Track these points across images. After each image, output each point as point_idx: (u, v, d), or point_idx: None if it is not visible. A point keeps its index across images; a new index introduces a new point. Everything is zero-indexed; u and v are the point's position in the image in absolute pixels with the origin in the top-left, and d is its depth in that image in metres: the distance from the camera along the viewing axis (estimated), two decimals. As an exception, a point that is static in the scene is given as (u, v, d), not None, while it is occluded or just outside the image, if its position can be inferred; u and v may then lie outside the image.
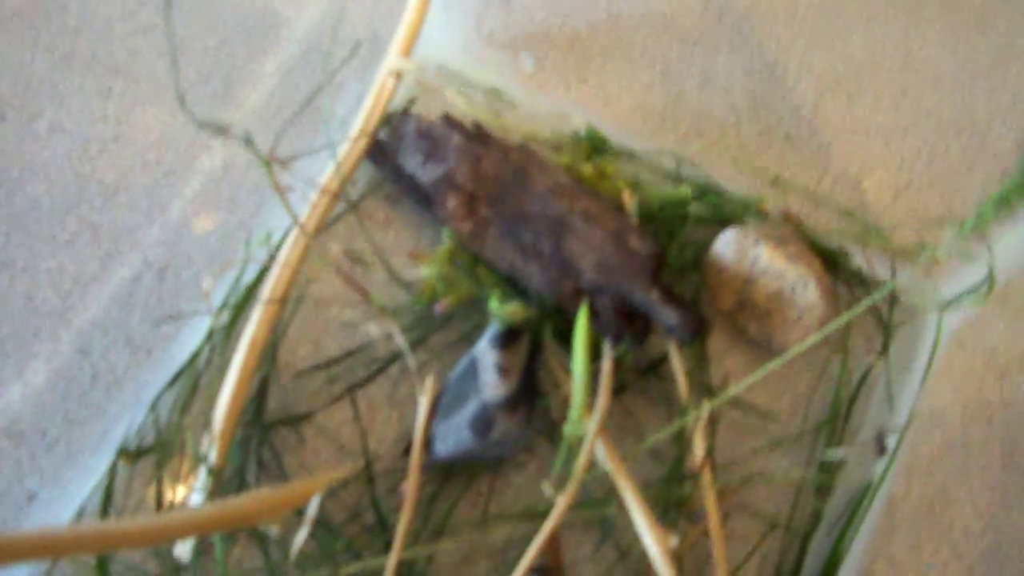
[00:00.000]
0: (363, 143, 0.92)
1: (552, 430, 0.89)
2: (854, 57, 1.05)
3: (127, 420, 0.89)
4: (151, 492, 0.87)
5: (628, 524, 0.84)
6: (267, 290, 0.87)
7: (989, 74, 1.04)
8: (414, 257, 0.89)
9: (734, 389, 0.81)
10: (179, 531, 0.72)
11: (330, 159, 0.92)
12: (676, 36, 1.05)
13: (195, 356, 0.90)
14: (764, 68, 1.04)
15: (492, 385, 0.82)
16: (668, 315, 0.84)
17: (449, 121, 0.94)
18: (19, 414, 0.89)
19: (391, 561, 0.79)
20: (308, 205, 0.89)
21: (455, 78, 1.01)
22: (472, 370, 0.84)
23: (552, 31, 1.04)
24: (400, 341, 0.89)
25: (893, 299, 0.93)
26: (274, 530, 0.82)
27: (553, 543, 0.83)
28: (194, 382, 0.89)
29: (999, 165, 1.00)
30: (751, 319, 0.91)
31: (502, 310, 0.84)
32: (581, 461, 0.79)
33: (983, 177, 0.99)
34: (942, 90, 1.04)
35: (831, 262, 0.93)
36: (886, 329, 0.93)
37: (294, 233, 0.88)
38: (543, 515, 0.80)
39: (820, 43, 1.05)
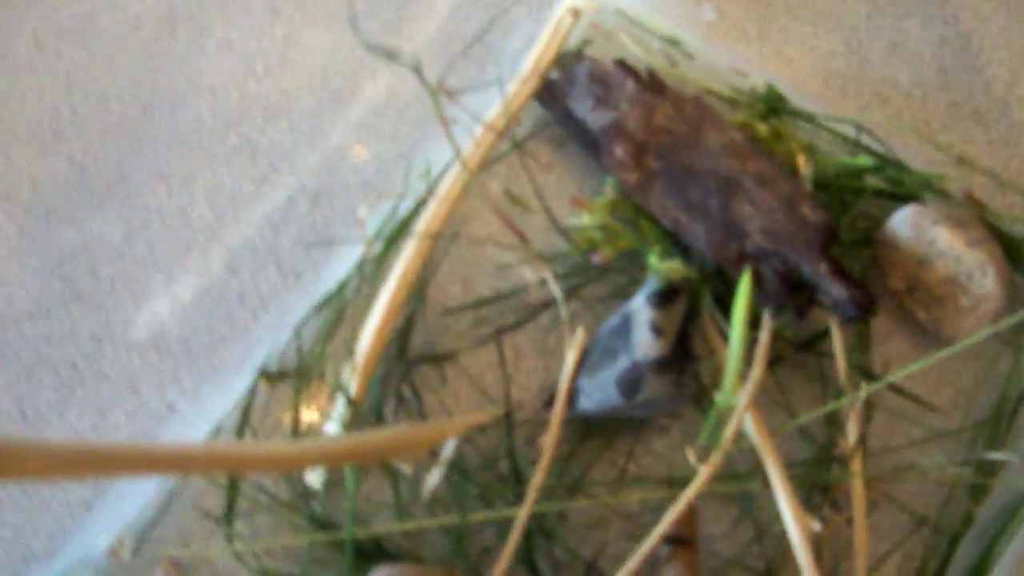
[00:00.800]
0: (533, 82, 0.89)
1: (701, 397, 0.85)
2: (1056, 36, 0.98)
3: (270, 343, 0.88)
4: (288, 417, 0.86)
5: (769, 503, 0.81)
6: (422, 224, 0.85)
7: None
8: (575, 204, 0.87)
9: (895, 375, 0.77)
10: (312, 459, 0.71)
11: (498, 96, 0.89)
12: (879, 8, 1.00)
13: (343, 285, 0.89)
14: (957, 39, 0.98)
15: (645, 344, 0.79)
16: (836, 290, 0.80)
17: (623, 67, 0.91)
18: (166, 326, 0.89)
19: (522, 513, 0.76)
20: (471, 140, 0.86)
21: (632, 23, 0.97)
22: (625, 326, 0.81)
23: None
24: (554, 289, 0.86)
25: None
26: (407, 468, 0.81)
27: (690, 514, 0.80)
28: (340, 311, 0.88)
29: None
30: (921, 303, 0.86)
31: (662, 267, 0.81)
32: (728, 432, 0.76)
33: None
34: None
35: (1013, 251, 0.87)
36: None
37: (455, 168, 0.85)
38: (682, 483, 0.77)
39: (1021, 17, 0.99)
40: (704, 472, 0.75)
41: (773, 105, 0.92)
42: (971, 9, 1.00)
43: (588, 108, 0.90)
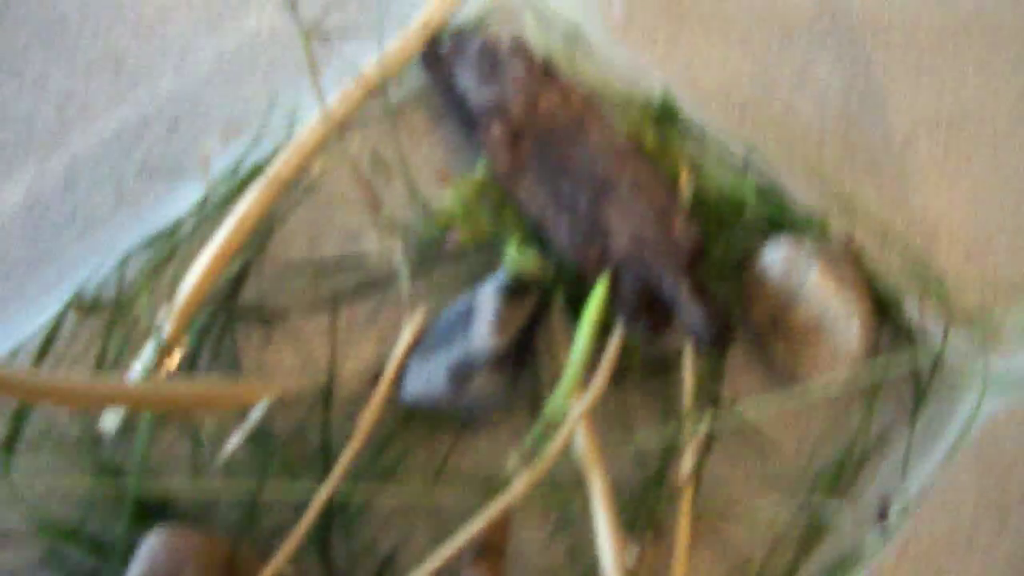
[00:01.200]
0: (418, 40, 0.83)
1: (536, 401, 0.80)
2: (963, 101, 0.95)
3: (92, 269, 0.81)
4: (94, 351, 0.78)
5: (589, 523, 0.76)
6: (272, 168, 0.78)
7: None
8: (441, 177, 0.81)
9: (742, 409, 0.72)
10: (110, 399, 0.64)
11: (375, 48, 0.83)
12: (781, 26, 0.96)
13: (180, 222, 0.82)
14: (866, 86, 0.95)
15: (484, 335, 0.74)
16: (694, 312, 0.75)
17: (518, 47, 0.86)
18: (-16, 229, 0.81)
19: (322, 492, 0.70)
20: (341, 91, 0.80)
21: (538, 4, 0.92)
22: (467, 314, 0.76)
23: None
24: (400, 263, 0.80)
25: (937, 363, 0.84)
26: (210, 426, 0.74)
27: (502, 521, 0.75)
28: (172, 249, 0.81)
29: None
30: (781, 342, 0.82)
31: (517, 258, 0.76)
32: (557, 442, 0.70)
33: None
34: (1049, 160, 0.94)
35: (882, 306, 0.84)
36: (920, 392, 0.84)
37: (317, 116, 0.79)
38: (500, 488, 0.72)
39: (932, 77, 0.96)
40: (524, 480, 0.70)
41: (666, 114, 0.88)
42: (885, 57, 0.96)
43: (473, 82, 0.85)
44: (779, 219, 0.84)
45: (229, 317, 0.80)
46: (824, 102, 0.93)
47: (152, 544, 0.69)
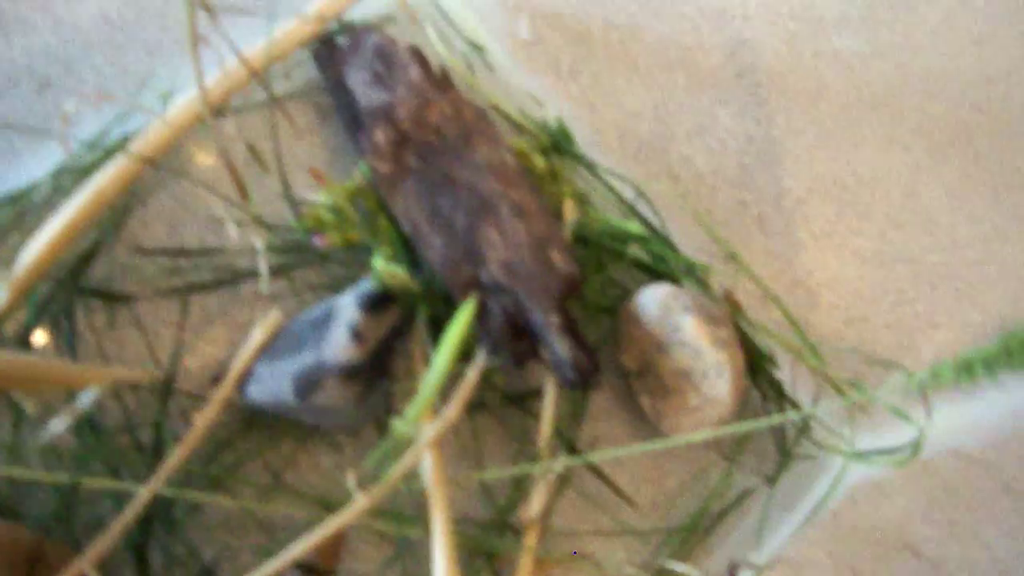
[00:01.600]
0: (311, 29, 0.79)
1: (385, 421, 0.76)
2: (859, 171, 0.94)
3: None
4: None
5: (426, 555, 0.72)
6: (139, 143, 0.73)
7: (989, 241, 0.93)
8: (315, 176, 0.77)
9: (599, 455, 0.69)
10: None
11: (264, 32, 0.79)
12: (688, 73, 0.94)
13: (33, 187, 0.76)
14: (764, 142, 0.93)
15: (338, 345, 0.70)
16: (561, 347, 0.72)
17: (415, 53, 0.82)
18: None
19: (145, 491, 0.65)
20: (222, 70, 0.76)
21: (442, 15, 0.88)
22: (324, 321, 0.72)
23: (564, 12, 0.93)
24: (261, 259, 0.76)
25: (804, 428, 0.82)
26: (30, 406, 0.69)
27: (334, 543, 0.71)
28: (20, 213, 0.75)
29: (971, 333, 0.89)
30: (648, 389, 0.79)
31: (384, 269, 0.72)
32: (401, 465, 0.66)
33: (949, 339, 0.88)
34: (935, 239, 0.93)
35: (755, 364, 0.81)
36: (784, 455, 0.81)
37: (193, 94, 0.75)
38: (337, 507, 0.67)
39: (831, 142, 0.95)
40: (360, 501, 0.65)
41: (558, 142, 0.85)
42: (785, 117, 0.94)
43: (363, 82, 0.81)
44: (660, 265, 0.82)
45: (72, 294, 0.75)
46: (721, 153, 0.91)
47: (-55, 529, 0.63)
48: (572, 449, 0.78)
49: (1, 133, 0.79)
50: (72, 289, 0.75)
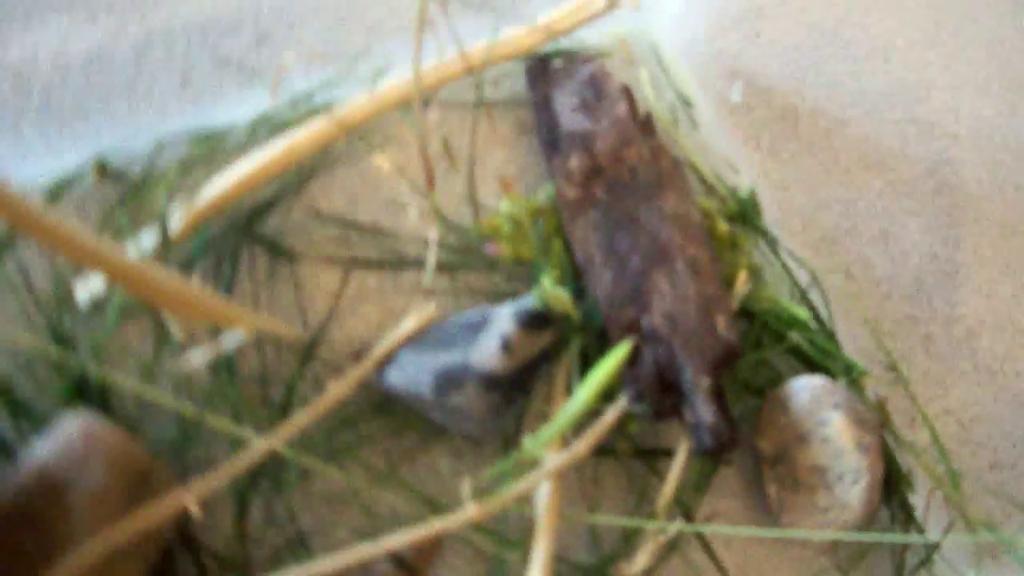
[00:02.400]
0: (534, 40, 0.79)
1: (512, 441, 0.75)
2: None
3: (128, 140, 0.76)
4: (97, 217, 0.74)
5: (519, 583, 0.71)
6: (340, 107, 0.74)
7: None
8: (504, 185, 0.77)
9: (714, 529, 0.66)
10: (96, 259, 0.59)
11: (487, 34, 0.79)
12: (885, 177, 0.92)
13: (233, 129, 0.77)
14: (947, 263, 0.90)
15: (487, 352, 0.69)
16: (705, 412, 0.70)
17: (626, 91, 0.82)
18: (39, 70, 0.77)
19: (262, 443, 0.65)
20: (439, 57, 0.76)
21: (658, 63, 0.88)
22: (478, 326, 0.71)
23: (778, 87, 0.91)
24: (430, 251, 0.75)
25: (927, 559, 0.78)
26: (179, 333, 0.69)
27: (432, 546, 0.69)
28: (212, 150, 0.77)
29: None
30: (778, 478, 0.76)
31: (549, 290, 0.71)
32: (520, 485, 0.65)
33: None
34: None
35: (892, 481, 0.78)
36: (899, 583, 0.78)
37: (407, 73, 0.75)
38: (443, 512, 0.66)
39: (1016, 280, 0.92)
40: (470, 510, 0.64)
41: (745, 211, 0.83)
42: (974, 244, 0.92)
43: (569, 106, 0.80)
44: (819, 357, 0.79)
45: (241, 239, 0.75)
46: (901, 264, 0.89)
47: (70, 424, 0.64)
48: (688, 517, 0.76)
49: (214, 71, 0.80)
50: (243, 234, 0.76)
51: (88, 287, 0.71)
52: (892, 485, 0.79)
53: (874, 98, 0.94)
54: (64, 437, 0.64)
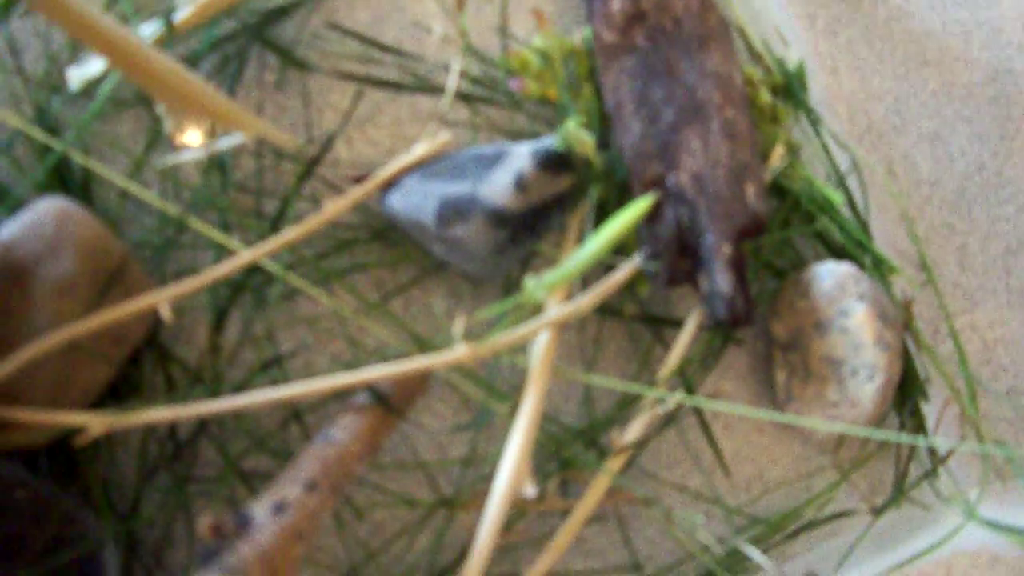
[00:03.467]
0: None
1: (513, 286, 0.70)
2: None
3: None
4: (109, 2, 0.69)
5: (500, 436, 0.66)
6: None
7: None
8: (537, 17, 0.71)
9: (715, 405, 0.62)
10: (95, 34, 0.54)
11: None
12: (942, 77, 0.87)
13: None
14: (994, 175, 0.86)
15: (499, 186, 0.64)
16: (722, 281, 0.65)
17: (682, -59, 0.76)
18: None
19: (247, 253, 0.60)
20: None
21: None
22: (493, 160, 0.66)
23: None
24: (451, 76, 0.70)
25: (931, 472, 0.74)
26: (172, 125, 0.64)
27: (415, 385, 0.65)
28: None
29: None
30: (788, 365, 0.72)
31: (572, 133, 0.66)
32: (514, 333, 0.60)
33: None
34: None
35: (907, 386, 0.73)
36: (899, 492, 0.74)
37: None
38: (430, 351, 0.62)
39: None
40: (461, 350, 0.59)
41: (791, 85, 0.77)
42: (1026, 163, 0.86)
43: (619, -54, 0.74)
44: (848, 246, 0.74)
45: (252, 41, 0.70)
46: (947, 169, 0.83)
47: (43, 207, 0.59)
48: (690, 392, 0.71)
49: None
50: (254, 36, 0.70)
51: (82, 73, 0.66)
52: (906, 390, 0.74)
53: (940, -6, 0.88)
54: (35, 219, 0.59)
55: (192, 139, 0.67)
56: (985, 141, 0.86)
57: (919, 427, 0.75)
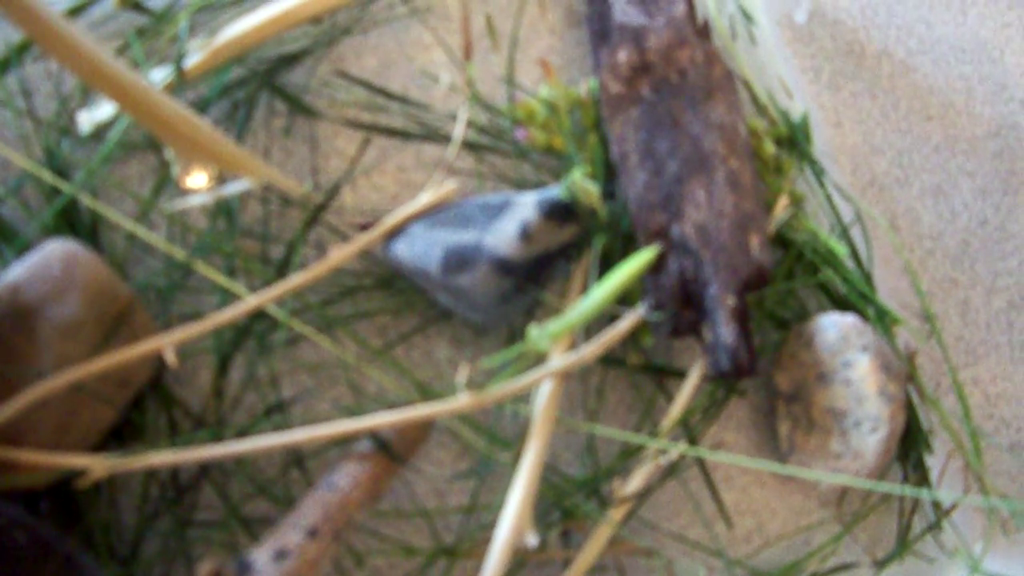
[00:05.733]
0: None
1: (518, 335, 0.70)
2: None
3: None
4: (116, 44, 0.69)
5: (503, 485, 0.66)
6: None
7: None
8: (544, 67, 0.72)
9: (718, 456, 0.62)
10: (103, 77, 0.54)
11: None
12: (946, 132, 0.88)
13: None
14: (997, 230, 0.87)
15: (505, 236, 0.64)
16: (726, 332, 0.66)
17: (687, -5, 0.76)
18: None
19: (252, 299, 0.61)
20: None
21: (725, -29, 0.83)
22: (499, 209, 0.66)
23: (847, 21, 0.86)
24: (458, 125, 0.71)
25: (935, 525, 0.73)
26: (178, 168, 0.65)
27: (418, 433, 0.65)
28: (242, -9, 0.72)
29: None
30: (791, 417, 0.72)
31: (578, 183, 0.66)
32: (517, 382, 0.60)
33: None
34: None
35: (911, 436, 0.73)
36: (902, 545, 0.74)
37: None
38: (433, 398, 0.62)
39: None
40: (463, 399, 0.60)
41: (795, 136, 0.78)
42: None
43: (626, 0, 0.75)
44: (852, 297, 0.74)
45: (261, 87, 0.70)
46: (950, 223, 0.84)
47: (51, 249, 0.59)
48: (692, 443, 0.71)
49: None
50: (263, 83, 0.71)
51: (92, 117, 0.67)
52: (910, 442, 0.74)
53: (945, 49, 0.89)
54: (42, 261, 0.60)
55: (199, 181, 0.67)
56: (988, 195, 0.86)
57: (923, 480, 0.75)
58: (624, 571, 0.70)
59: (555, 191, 0.66)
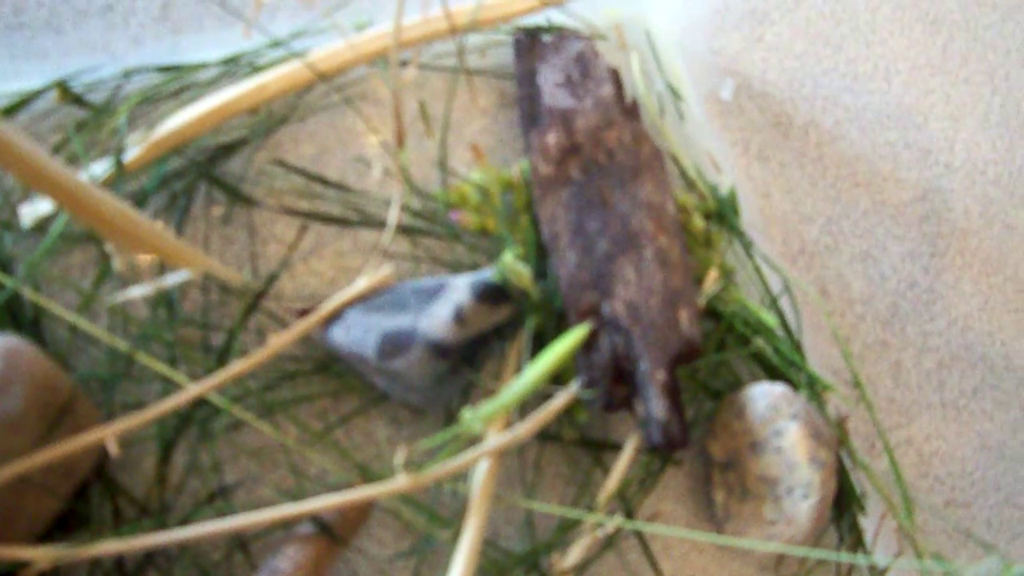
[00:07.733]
0: (526, 6, 0.76)
1: (452, 416, 0.72)
2: (1015, 357, 0.88)
3: (97, 66, 0.73)
4: (55, 139, 0.71)
5: (443, 562, 0.67)
6: (315, 53, 0.71)
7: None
8: (475, 152, 0.74)
9: (655, 528, 0.63)
10: (43, 178, 0.55)
11: None
12: (873, 198, 0.90)
13: (205, 66, 0.75)
14: (926, 292, 0.89)
15: (438, 320, 0.66)
16: (657, 407, 0.68)
17: (614, 73, 0.79)
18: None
19: (194, 388, 0.62)
20: (421, 16, 0.74)
21: (651, 49, 0.85)
22: (432, 293, 0.68)
23: (773, 94, 0.89)
24: (392, 211, 0.73)
25: (872, 586, 0.76)
26: (118, 263, 0.66)
27: (358, 514, 0.66)
28: (182, 86, 0.74)
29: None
30: (726, 485, 0.74)
31: (509, 265, 0.68)
32: (454, 462, 0.62)
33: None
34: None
35: (845, 500, 0.75)
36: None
37: (387, 26, 0.72)
38: (373, 479, 0.63)
39: (992, 316, 0.89)
40: (402, 480, 0.61)
41: (724, 211, 0.80)
42: (956, 277, 0.89)
43: (554, 82, 0.78)
44: (782, 366, 0.76)
45: (199, 178, 0.72)
46: (879, 287, 0.86)
47: (-8, 346, 0.61)
48: (630, 515, 0.73)
49: (196, 4, 0.77)
50: (202, 173, 0.73)
51: (34, 210, 0.68)
52: (843, 506, 0.76)
53: (870, 117, 0.92)
54: (-19, 358, 0.61)
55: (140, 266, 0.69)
56: (916, 258, 0.89)
57: (858, 542, 0.77)
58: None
59: (488, 273, 0.68)
